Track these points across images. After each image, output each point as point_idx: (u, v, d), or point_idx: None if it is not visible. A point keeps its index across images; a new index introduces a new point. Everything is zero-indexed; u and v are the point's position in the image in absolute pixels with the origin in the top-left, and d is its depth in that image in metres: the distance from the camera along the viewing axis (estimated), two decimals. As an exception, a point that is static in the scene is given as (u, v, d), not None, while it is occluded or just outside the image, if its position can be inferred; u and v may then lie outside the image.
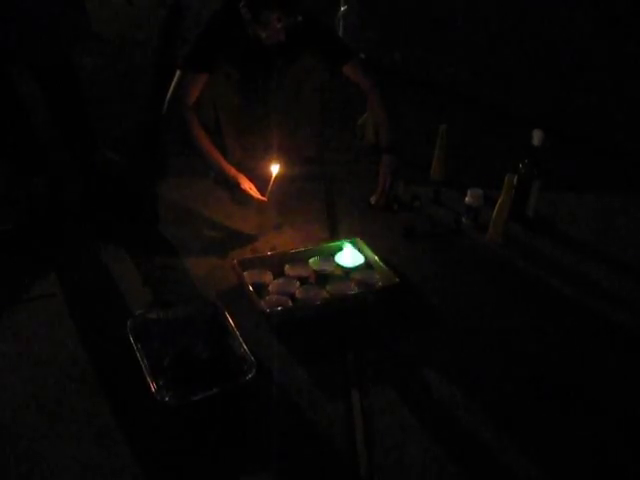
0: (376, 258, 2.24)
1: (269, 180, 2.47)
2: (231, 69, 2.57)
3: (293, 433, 1.65)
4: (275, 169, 2.47)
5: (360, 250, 2.30)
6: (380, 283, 2.17)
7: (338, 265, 2.23)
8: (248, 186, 2.47)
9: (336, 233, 2.50)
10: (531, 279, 2.31)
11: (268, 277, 2.16)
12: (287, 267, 2.21)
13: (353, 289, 2.13)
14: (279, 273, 2.19)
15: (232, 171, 2.50)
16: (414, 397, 1.77)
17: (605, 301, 2.21)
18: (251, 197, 2.45)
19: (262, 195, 2.46)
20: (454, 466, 1.57)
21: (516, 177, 2.47)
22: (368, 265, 2.26)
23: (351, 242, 2.31)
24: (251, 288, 2.06)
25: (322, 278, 2.18)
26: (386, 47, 4.40)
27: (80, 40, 2.68)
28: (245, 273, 2.14)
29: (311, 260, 2.24)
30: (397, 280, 2.13)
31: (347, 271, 2.22)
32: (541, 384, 1.84)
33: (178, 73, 2.49)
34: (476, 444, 1.64)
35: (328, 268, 2.22)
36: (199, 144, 2.51)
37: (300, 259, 2.25)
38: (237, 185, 2.47)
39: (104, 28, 4.56)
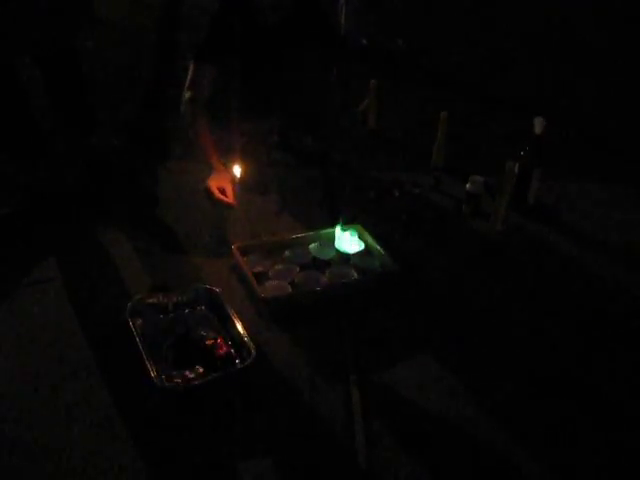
0: (376, 245, 2.24)
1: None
2: (233, 59, 2.53)
3: (292, 419, 1.66)
4: (237, 171, 2.41)
5: (360, 236, 2.30)
6: (380, 269, 2.17)
7: (338, 251, 2.23)
8: (216, 184, 2.39)
9: (336, 219, 2.49)
10: (531, 267, 2.31)
11: (268, 263, 2.16)
12: (287, 253, 2.21)
13: (353, 275, 2.13)
14: (279, 259, 2.19)
15: (214, 164, 2.45)
16: (413, 384, 1.77)
17: (605, 290, 2.21)
18: (212, 195, 2.37)
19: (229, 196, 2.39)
20: (451, 457, 1.59)
21: (517, 165, 2.47)
22: (368, 251, 2.26)
23: (351, 228, 2.30)
24: (251, 274, 2.06)
25: (322, 264, 2.19)
26: (389, 33, 4.37)
27: (83, 26, 2.66)
28: (245, 258, 2.14)
29: (311, 246, 2.24)
30: (397, 267, 2.13)
31: (347, 257, 2.22)
32: (542, 374, 1.84)
33: (191, 67, 2.45)
34: (474, 435, 1.64)
35: (328, 254, 2.22)
36: (198, 135, 2.48)
37: (300, 245, 2.25)
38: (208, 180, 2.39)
39: (106, 12, 4.54)
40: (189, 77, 2.45)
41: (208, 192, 2.37)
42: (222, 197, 2.37)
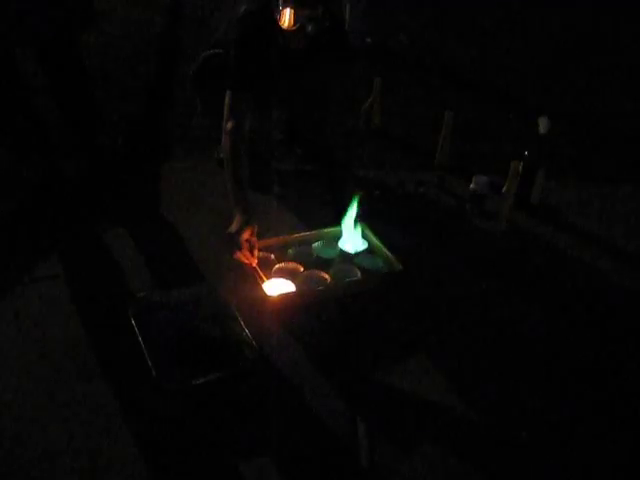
0: (380, 244, 2.23)
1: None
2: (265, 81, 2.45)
3: (293, 418, 1.65)
4: (289, 287, 2.07)
5: (364, 236, 2.29)
6: (383, 269, 2.16)
7: (342, 250, 2.23)
8: (247, 236, 2.08)
9: (341, 218, 2.49)
10: (534, 266, 2.30)
11: (271, 261, 2.15)
12: (290, 251, 2.20)
13: (356, 275, 2.12)
14: (282, 257, 2.18)
15: (243, 210, 2.13)
16: (415, 382, 1.77)
17: (609, 289, 2.20)
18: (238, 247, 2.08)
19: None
20: (453, 456, 1.58)
21: (521, 164, 2.46)
22: (372, 251, 2.25)
23: (355, 228, 2.29)
24: (254, 272, 2.06)
25: (325, 263, 2.18)
26: (393, 30, 4.37)
27: (84, 21, 2.66)
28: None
29: (315, 245, 2.23)
30: (400, 267, 2.12)
31: (350, 257, 2.21)
32: (544, 374, 1.83)
33: (228, 96, 2.28)
34: (476, 434, 1.64)
35: (331, 253, 2.21)
36: (234, 174, 2.22)
37: (304, 244, 2.24)
38: (236, 231, 2.09)
39: (108, 7, 4.54)
40: (227, 107, 2.28)
41: (235, 241, 2.08)
42: (247, 255, 2.09)
